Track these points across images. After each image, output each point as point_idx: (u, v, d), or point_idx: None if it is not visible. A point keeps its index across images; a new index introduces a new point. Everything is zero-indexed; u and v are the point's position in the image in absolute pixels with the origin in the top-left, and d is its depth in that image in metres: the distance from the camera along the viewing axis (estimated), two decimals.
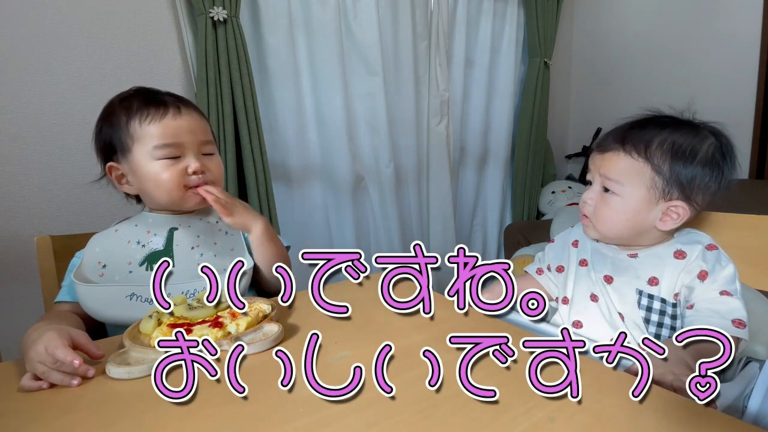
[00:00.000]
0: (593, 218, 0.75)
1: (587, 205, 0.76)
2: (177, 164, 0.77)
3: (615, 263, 0.75)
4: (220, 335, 0.59)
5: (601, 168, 0.74)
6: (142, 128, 0.75)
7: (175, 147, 0.76)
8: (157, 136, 0.75)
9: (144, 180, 0.77)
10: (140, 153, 0.76)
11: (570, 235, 0.86)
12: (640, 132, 0.71)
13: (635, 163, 0.70)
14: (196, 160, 0.78)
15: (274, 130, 1.78)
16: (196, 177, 0.78)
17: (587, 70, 2.73)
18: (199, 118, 0.81)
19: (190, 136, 0.78)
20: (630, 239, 0.74)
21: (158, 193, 0.78)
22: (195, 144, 0.78)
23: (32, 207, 1.36)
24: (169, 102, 0.78)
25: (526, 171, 2.51)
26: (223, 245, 0.82)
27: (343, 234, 2.00)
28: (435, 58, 2.10)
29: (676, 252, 0.70)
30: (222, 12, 1.48)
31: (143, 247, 0.78)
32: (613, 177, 0.72)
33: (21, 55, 1.31)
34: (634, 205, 0.71)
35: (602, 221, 0.74)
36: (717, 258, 0.69)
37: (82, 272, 0.73)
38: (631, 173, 0.70)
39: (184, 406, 0.47)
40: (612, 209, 0.72)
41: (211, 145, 0.82)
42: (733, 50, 2.08)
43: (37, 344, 0.53)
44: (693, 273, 0.68)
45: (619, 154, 0.71)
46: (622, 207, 0.71)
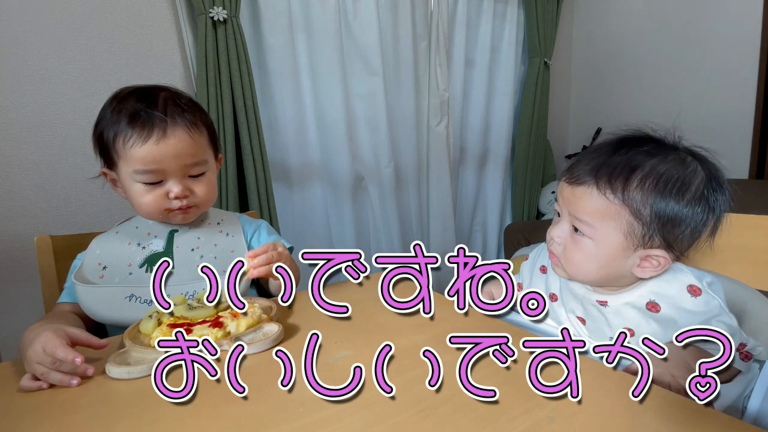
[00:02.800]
0: (562, 259, 0.65)
1: (555, 244, 0.66)
2: (158, 188, 0.74)
3: (585, 307, 0.67)
4: (220, 335, 0.59)
5: (571, 205, 0.63)
6: (125, 149, 0.72)
7: (156, 173, 0.73)
8: (137, 161, 0.71)
9: (128, 195, 0.77)
10: (123, 171, 0.74)
11: (539, 258, 0.78)
12: (617, 162, 0.59)
13: (610, 206, 0.59)
14: (178, 185, 0.74)
15: (274, 130, 1.78)
16: (178, 201, 0.75)
17: (587, 70, 2.73)
18: (187, 139, 0.74)
19: (174, 161, 0.73)
20: (602, 283, 0.65)
21: (140, 212, 0.78)
22: (179, 168, 0.74)
23: (32, 207, 1.36)
24: (156, 121, 0.71)
25: (526, 171, 2.51)
26: (224, 247, 0.82)
27: (343, 234, 2.00)
28: (435, 58, 2.10)
29: (649, 304, 0.61)
30: (222, 12, 1.48)
31: (143, 248, 0.78)
32: (583, 218, 0.61)
33: (21, 55, 1.31)
34: (608, 251, 0.60)
35: (572, 265, 0.64)
36: (704, 311, 0.59)
37: (82, 273, 0.73)
38: (605, 216, 0.59)
39: (184, 406, 0.47)
40: (583, 253, 0.62)
41: (200, 165, 0.77)
42: (733, 50, 2.08)
43: (35, 345, 0.53)
44: (669, 333, 0.56)
45: (592, 192, 0.60)
46: (594, 252, 0.61)
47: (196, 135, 0.76)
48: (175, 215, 0.77)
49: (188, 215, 0.79)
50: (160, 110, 0.73)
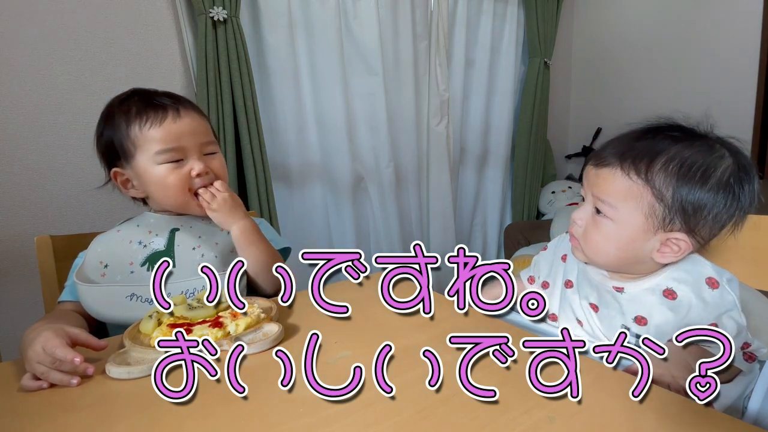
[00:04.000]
0: (582, 241, 0.66)
1: (576, 226, 0.67)
2: (180, 167, 0.76)
3: (600, 293, 0.68)
4: (220, 335, 0.59)
5: (594, 187, 0.64)
6: (143, 133, 0.74)
7: (177, 151, 0.76)
8: (158, 141, 0.74)
9: (149, 184, 0.77)
10: (143, 158, 0.75)
11: (560, 246, 0.79)
12: (643, 146, 0.60)
13: (633, 186, 0.60)
14: (199, 162, 0.77)
15: (274, 130, 1.78)
16: (200, 179, 0.78)
17: (587, 70, 2.73)
18: (199, 118, 0.80)
19: (191, 138, 0.77)
20: (621, 268, 0.66)
21: (164, 198, 0.78)
22: (197, 145, 0.78)
23: (32, 207, 1.36)
24: (167, 104, 0.77)
25: (526, 171, 2.51)
26: (225, 246, 0.82)
27: (343, 234, 2.00)
28: (435, 58, 2.10)
29: (666, 291, 0.62)
30: (222, 12, 1.48)
31: (145, 247, 0.78)
32: (605, 199, 0.62)
33: (21, 55, 1.31)
34: (629, 233, 0.61)
35: (591, 247, 0.65)
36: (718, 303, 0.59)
37: (83, 272, 0.74)
38: (628, 196, 0.60)
39: (184, 406, 0.47)
40: (603, 235, 0.63)
41: (213, 144, 0.82)
42: (733, 50, 2.08)
43: (35, 344, 0.53)
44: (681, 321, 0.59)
45: (616, 173, 0.61)
46: (614, 234, 0.62)
47: (204, 118, 0.82)
48: (197, 207, 0.79)
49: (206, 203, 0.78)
50: (167, 98, 0.78)
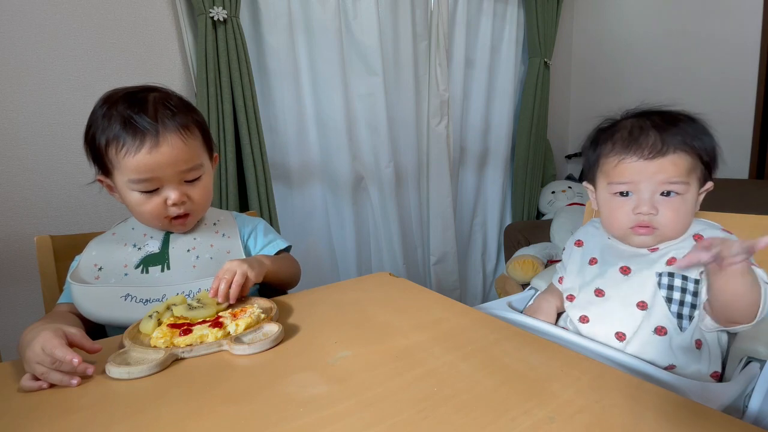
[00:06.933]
0: (656, 225, 0.72)
1: (645, 216, 0.72)
2: (156, 196, 0.74)
3: (629, 258, 0.76)
4: (220, 335, 0.59)
5: (654, 177, 0.71)
6: (118, 159, 0.71)
7: (152, 181, 0.72)
8: (132, 171, 0.71)
9: (126, 203, 0.76)
10: (119, 180, 0.73)
11: (572, 239, 0.89)
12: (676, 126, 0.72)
13: (692, 160, 0.71)
14: (175, 191, 0.74)
15: (274, 130, 1.77)
16: (176, 208, 0.75)
17: (587, 70, 2.73)
18: (181, 144, 0.73)
19: (169, 168, 0.72)
20: None
21: (141, 220, 0.79)
22: (175, 174, 0.74)
23: (32, 207, 1.36)
24: (147, 129, 0.70)
25: (526, 171, 2.51)
26: (220, 248, 0.82)
27: (343, 234, 2.00)
28: (435, 58, 2.10)
29: (696, 236, 0.72)
30: (222, 12, 1.48)
31: (139, 249, 0.78)
32: (677, 180, 0.71)
33: (21, 55, 1.31)
34: (692, 199, 0.72)
35: (672, 227, 0.72)
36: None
37: (78, 274, 0.74)
38: (691, 170, 0.71)
39: (184, 406, 0.47)
40: (679, 212, 0.71)
41: (195, 170, 0.76)
42: (733, 50, 2.08)
43: (34, 345, 0.53)
44: None
45: (680, 155, 0.71)
46: (684, 207, 0.71)
47: (190, 139, 0.75)
48: (174, 226, 0.79)
49: (186, 225, 0.80)
50: (150, 116, 0.71)
